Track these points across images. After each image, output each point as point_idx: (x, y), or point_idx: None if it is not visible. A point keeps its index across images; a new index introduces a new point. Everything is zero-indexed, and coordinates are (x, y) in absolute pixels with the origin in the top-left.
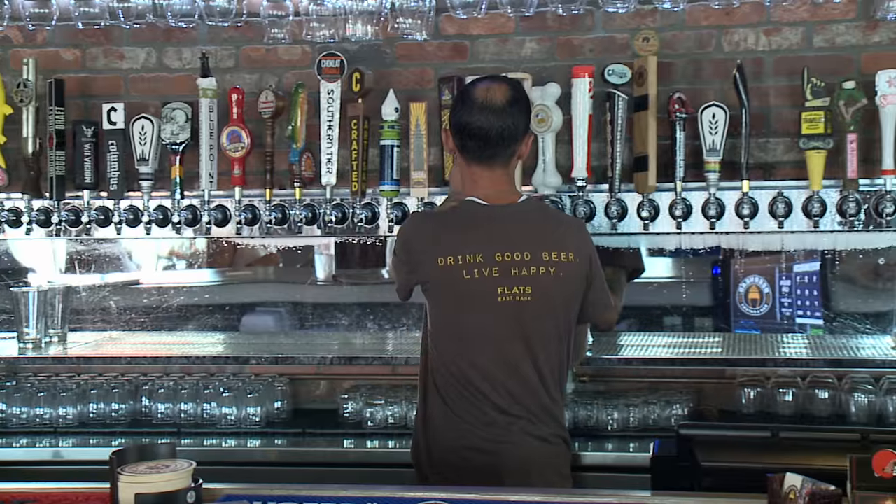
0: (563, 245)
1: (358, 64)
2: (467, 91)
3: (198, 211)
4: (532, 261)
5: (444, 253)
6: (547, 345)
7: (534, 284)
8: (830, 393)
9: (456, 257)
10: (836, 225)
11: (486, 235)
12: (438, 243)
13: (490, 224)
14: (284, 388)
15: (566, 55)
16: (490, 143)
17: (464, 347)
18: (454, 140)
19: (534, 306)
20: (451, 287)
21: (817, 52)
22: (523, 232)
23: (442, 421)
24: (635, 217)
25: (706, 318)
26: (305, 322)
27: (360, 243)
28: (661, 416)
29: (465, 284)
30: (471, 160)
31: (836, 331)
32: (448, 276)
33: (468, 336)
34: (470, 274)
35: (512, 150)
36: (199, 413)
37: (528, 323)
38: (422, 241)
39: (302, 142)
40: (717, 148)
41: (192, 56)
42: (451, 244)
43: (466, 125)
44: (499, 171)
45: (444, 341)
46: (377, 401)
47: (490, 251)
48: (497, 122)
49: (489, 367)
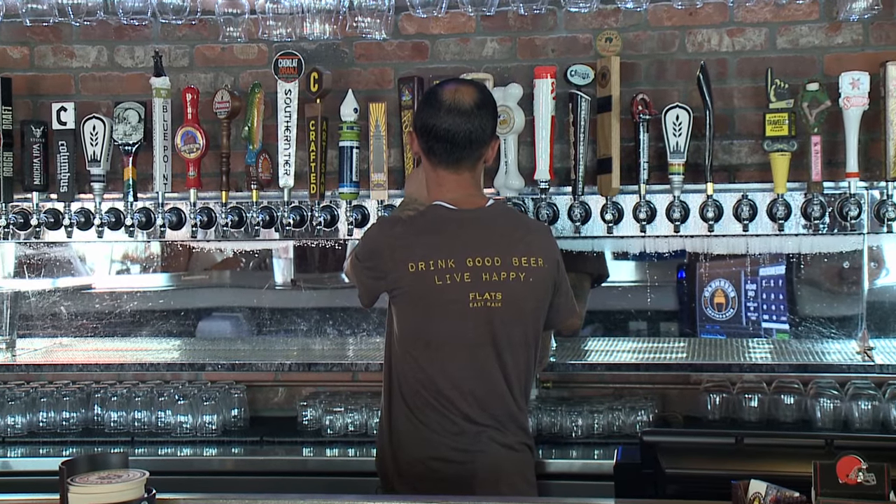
0: (532, 250)
1: (316, 63)
2: (434, 93)
3: (151, 214)
4: (502, 266)
5: (416, 258)
6: (515, 351)
7: (504, 290)
8: (796, 398)
9: (427, 262)
10: (801, 228)
11: (456, 240)
12: (409, 248)
13: (460, 229)
14: (241, 395)
15: (528, 55)
16: (457, 147)
17: (432, 354)
18: (420, 143)
19: (504, 312)
20: (422, 293)
21: (781, 54)
22: (493, 237)
23: (408, 430)
24: (599, 220)
25: (671, 322)
26: (263, 327)
27: (319, 246)
28: (625, 423)
29: (436, 290)
30: (437, 163)
31: (801, 335)
32: (419, 282)
33: (438, 342)
34: (442, 279)
35: (479, 154)
36: (153, 421)
37: (499, 329)
38: (392, 247)
39: (259, 143)
40: (681, 150)
41: (145, 54)
42: (423, 249)
43: (433, 128)
44: (466, 174)
45: (412, 348)
46: (337, 408)
47: (461, 256)
48: (465, 125)
49: (458, 374)
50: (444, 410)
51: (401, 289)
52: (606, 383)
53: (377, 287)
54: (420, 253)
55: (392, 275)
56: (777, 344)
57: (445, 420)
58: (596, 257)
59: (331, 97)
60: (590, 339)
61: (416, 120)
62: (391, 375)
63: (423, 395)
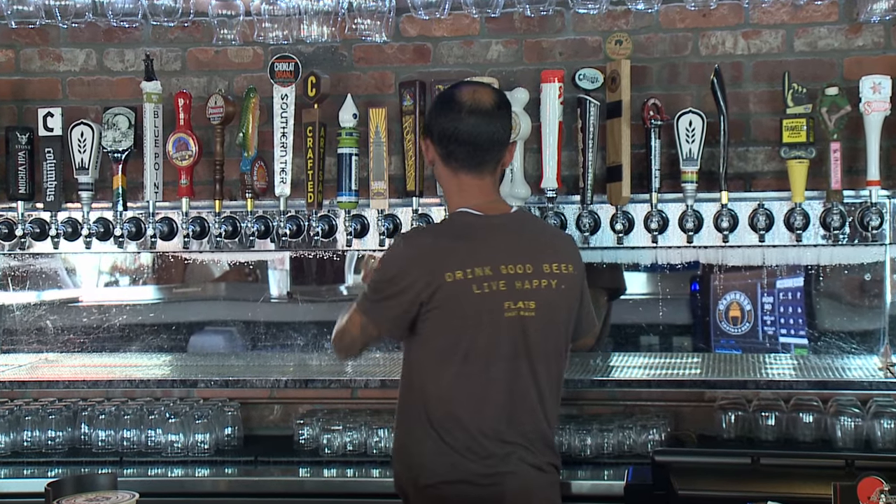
0: (561, 256)
1: (313, 67)
2: (451, 95)
3: (142, 224)
4: (534, 273)
5: (452, 267)
6: (548, 363)
7: (537, 298)
8: (815, 416)
9: (465, 271)
10: (820, 239)
11: (489, 247)
12: (444, 257)
13: (491, 235)
14: (235, 413)
15: (535, 59)
16: (480, 149)
17: (469, 368)
18: (437, 149)
19: (537, 321)
20: (460, 303)
21: (798, 56)
22: (523, 243)
23: (433, 452)
24: (608, 230)
25: (684, 337)
26: (258, 342)
27: (317, 258)
28: (636, 442)
29: (474, 300)
30: (459, 168)
31: (821, 351)
32: (457, 292)
33: (475, 356)
34: (480, 288)
35: (499, 157)
36: (142, 440)
37: (532, 340)
38: (425, 257)
39: (254, 150)
40: (694, 157)
41: (136, 58)
42: (458, 257)
43: (455, 131)
44: (488, 179)
45: (446, 365)
46: (335, 426)
47: (496, 263)
48: (487, 126)
49: (492, 389)
50: (474, 432)
51: (435, 301)
52: (617, 400)
53: (410, 309)
54: (456, 261)
55: (428, 287)
56: (795, 359)
57: (475, 442)
58: (612, 270)
59: (329, 102)
60: (599, 355)
61: (432, 125)
62: (412, 396)
63: (453, 413)
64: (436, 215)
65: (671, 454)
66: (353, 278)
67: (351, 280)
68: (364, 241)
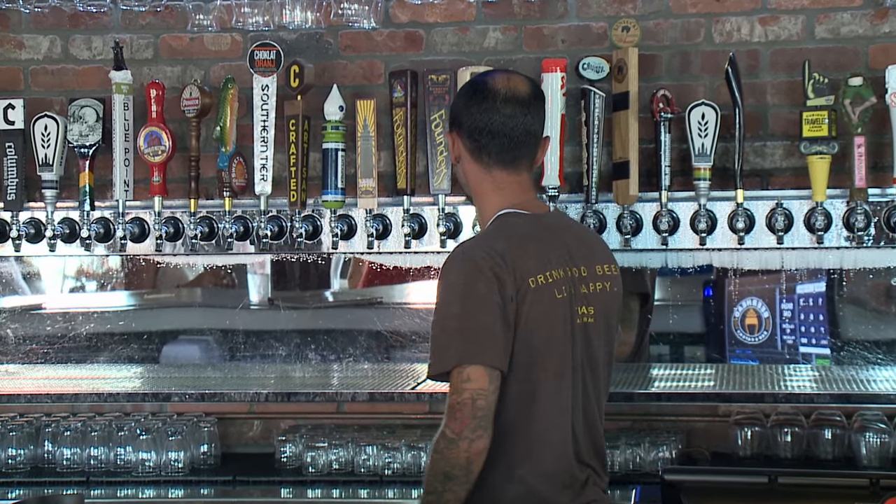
0: (609, 257)
1: (296, 56)
2: (483, 83)
3: (111, 224)
4: (589, 276)
5: (533, 271)
6: (605, 375)
7: (595, 303)
8: (837, 432)
9: (545, 274)
10: (843, 240)
11: (552, 248)
12: (522, 260)
13: (550, 236)
14: (212, 428)
15: (535, 46)
16: (515, 142)
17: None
18: (467, 143)
19: (596, 328)
20: (545, 310)
21: (820, 44)
22: (575, 244)
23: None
24: (615, 231)
25: (697, 346)
26: (236, 352)
27: (300, 261)
28: (644, 460)
29: (555, 306)
30: (493, 164)
31: (844, 361)
32: (541, 298)
33: (559, 369)
34: (561, 293)
35: (534, 152)
36: (111, 459)
37: (594, 348)
38: (504, 260)
39: (232, 145)
40: (707, 152)
41: (104, 45)
42: (534, 260)
43: (489, 122)
44: (525, 175)
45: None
46: (320, 443)
47: (563, 266)
48: (524, 118)
49: (567, 405)
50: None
51: (521, 310)
52: (623, 415)
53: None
54: (533, 265)
55: (516, 296)
56: (816, 371)
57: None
58: (640, 274)
59: (313, 93)
60: None
61: (461, 116)
62: None
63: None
64: (428, 214)
65: (682, 473)
66: (339, 283)
67: (337, 285)
68: (351, 244)
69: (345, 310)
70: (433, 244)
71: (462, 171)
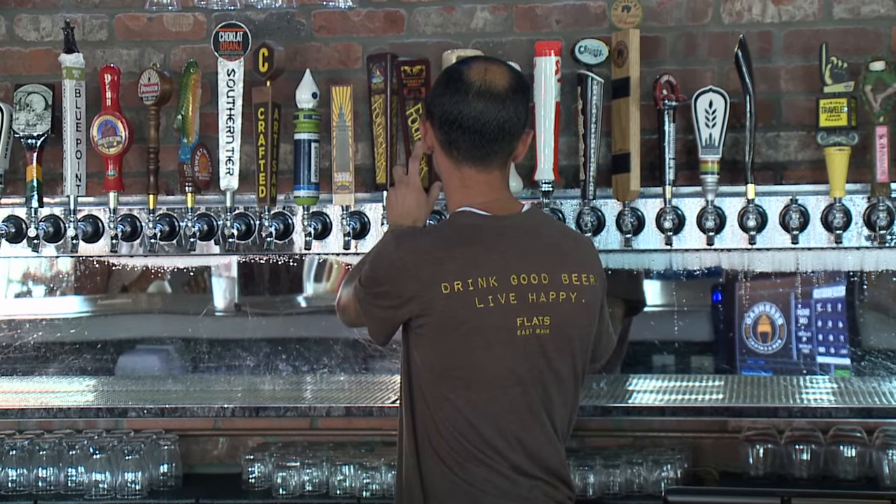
0: (583, 265)
1: (265, 37)
2: (458, 73)
3: (61, 223)
4: (550, 284)
5: (450, 277)
6: (562, 389)
7: (553, 313)
8: (858, 450)
9: (465, 282)
10: (864, 240)
11: (496, 254)
12: (440, 264)
13: (499, 240)
14: (173, 447)
15: (527, 28)
16: (487, 139)
17: (474, 396)
18: (438, 134)
19: (552, 340)
20: (460, 319)
21: (838, 25)
22: (537, 249)
23: (448, 490)
24: (614, 230)
25: (704, 356)
26: (200, 363)
27: (270, 263)
28: (647, 480)
29: (477, 315)
30: (462, 160)
31: (865, 372)
32: (456, 306)
33: (481, 380)
34: (483, 301)
35: (511, 149)
36: (61, 480)
37: (548, 361)
38: (417, 264)
39: (194, 135)
40: (715, 144)
41: (53, 25)
42: (457, 265)
43: (460, 115)
44: (496, 173)
45: (447, 389)
46: (291, 463)
47: (505, 273)
48: (497, 113)
49: (505, 417)
50: (491, 463)
51: (430, 316)
52: (624, 431)
53: (395, 317)
54: (454, 270)
55: (418, 299)
56: (835, 383)
57: (494, 474)
58: (630, 278)
59: (284, 79)
60: (603, 378)
61: (434, 106)
62: (415, 425)
63: (464, 445)
64: None
65: (689, 493)
66: (312, 287)
67: (311, 289)
68: (326, 244)
69: (319, 316)
70: None
71: (435, 162)
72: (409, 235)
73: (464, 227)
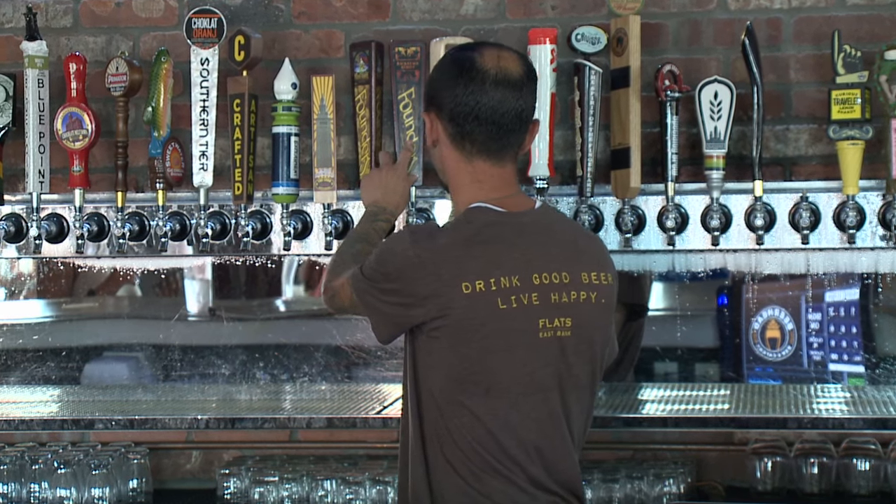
0: (599, 263)
1: (241, 24)
2: (471, 60)
3: (23, 222)
4: (571, 284)
5: (471, 276)
6: (580, 395)
7: (574, 314)
8: (872, 463)
9: (488, 281)
10: (879, 240)
11: (517, 252)
12: (460, 263)
13: (519, 237)
14: (142, 460)
15: (520, 14)
16: (503, 129)
17: (494, 402)
18: (449, 128)
19: (573, 343)
20: (481, 321)
21: (851, 12)
22: (556, 247)
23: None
24: (613, 230)
25: (709, 363)
26: (172, 371)
27: (247, 264)
28: (648, 496)
29: (499, 317)
30: (476, 153)
31: (880, 381)
32: (477, 307)
33: (501, 386)
34: (507, 302)
35: (521, 140)
36: (24, 496)
37: (567, 366)
38: (436, 262)
39: (166, 129)
40: (720, 138)
41: (14, 11)
42: (478, 264)
43: (476, 106)
44: (509, 167)
45: (465, 396)
46: (270, 477)
47: (527, 272)
48: (515, 102)
49: (524, 426)
50: (509, 475)
51: (448, 317)
52: (624, 443)
53: (406, 317)
54: (475, 269)
55: (435, 300)
56: (848, 392)
57: (512, 488)
58: (632, 281)
59: (261, 68)
60: (603, 386)
61: (443, 97)
62: (424, 434)
63: (482, 456)
64: None
65: None
66: (291, 290)
67: (290, 292)
68: (306, 244)
69: (299, 321)
70: None
71: (438, 156)
72: (426, 231)
73: (482, 224)
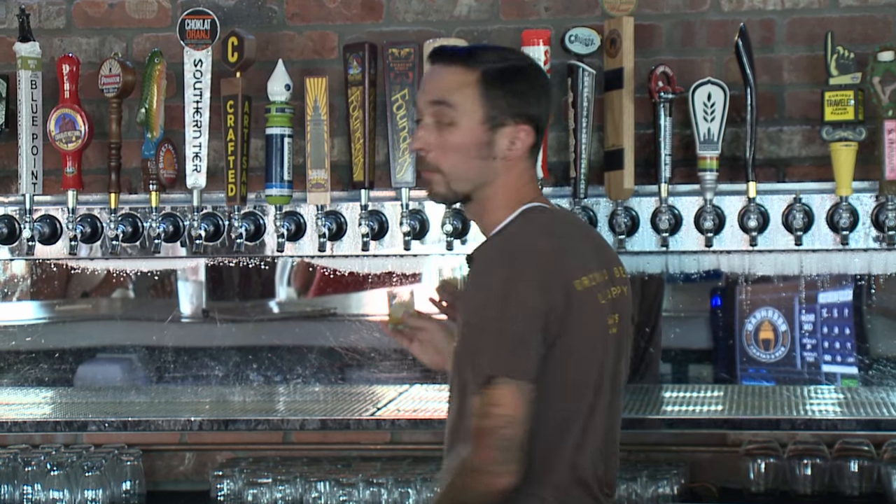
0: (618, 259)
1: (235, 25)
2: (533, 66)
3: (16, 223)
4: (611, 280)
5: (578, 272)
6: (621, 395)
7: (620, 310)
8: (865, 464)
9: (590, 276)
10: (872, 241)
11: (588, 247)
12: (567, 260)
13: (579, 232)
14: (136, 462)
15: (514, 15)
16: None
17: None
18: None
19: (619, 340)
20: (591, 317)
21: (845, 13)
22: (594, 244)
23: None
24: (607, 231)
25: (703, 365)
26: (165, 373)
27: (240, 266)
28: (642, 497)
29: (597, 313)
30: (529, 156)
31: (873, 382)
32: (587, 304)
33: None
34: (604, 297)
35: None
36: (16, 499)
37: (616, 364)
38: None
39: (159, 130)
40: (713, 139)
41: (7, 12)
42: (577, 259)
43: (547, 110)
44: None
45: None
46: (263, 479)
47: (600, 268)
48: None
49: (598, 430)
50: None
51: (566, 319)
52: None
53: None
54: (577, 265)
55: (561, 301)
56: (842, 393)
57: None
58: None
59: (255, 70)
60: None
61: (531, 108)
62: None
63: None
64: (389, 211)
65: None
66: (285, 292)
67: (283, 294)
68: (299, 245)
69: (292, 323)
70: (395, 246)
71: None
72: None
73: (553, 221)
